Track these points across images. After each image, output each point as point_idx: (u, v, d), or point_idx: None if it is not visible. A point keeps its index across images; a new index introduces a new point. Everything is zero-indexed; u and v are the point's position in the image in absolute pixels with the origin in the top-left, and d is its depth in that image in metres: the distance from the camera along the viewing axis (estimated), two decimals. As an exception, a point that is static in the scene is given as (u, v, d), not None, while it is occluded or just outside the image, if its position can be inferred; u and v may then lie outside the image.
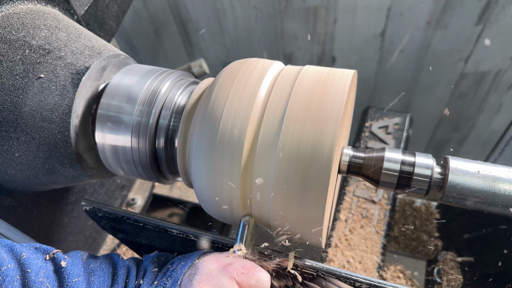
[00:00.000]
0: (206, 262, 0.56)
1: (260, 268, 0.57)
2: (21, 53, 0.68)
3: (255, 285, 0.54)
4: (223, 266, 0.55)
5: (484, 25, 1.56)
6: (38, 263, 0.54)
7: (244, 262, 0.57)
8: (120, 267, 0.60)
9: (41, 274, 0.53)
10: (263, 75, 0.64)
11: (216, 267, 0.55)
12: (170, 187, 1.50)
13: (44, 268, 0.54)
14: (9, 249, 0.54)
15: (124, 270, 0.59)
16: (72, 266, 0.56)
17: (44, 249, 0.57)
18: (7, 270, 0.51)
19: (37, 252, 0.56)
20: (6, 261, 0.52)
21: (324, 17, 1.71)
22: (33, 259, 0.54)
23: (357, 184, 1.29)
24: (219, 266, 0.55)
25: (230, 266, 0.55)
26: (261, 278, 0.55)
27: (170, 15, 1.92)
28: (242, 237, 0.61)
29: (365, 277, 0.63)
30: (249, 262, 0.57)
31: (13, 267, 0.51)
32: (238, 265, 0.55)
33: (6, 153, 0.70)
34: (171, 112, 0.73)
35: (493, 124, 1.93)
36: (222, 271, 0.54)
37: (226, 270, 0.54)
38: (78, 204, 1.08)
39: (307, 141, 0.56)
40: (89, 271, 0.57)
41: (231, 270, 0.54)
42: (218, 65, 2.09)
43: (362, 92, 1.97)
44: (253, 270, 0.55)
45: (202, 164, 0.63)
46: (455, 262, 1.18)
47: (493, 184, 0.57)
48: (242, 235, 0.61)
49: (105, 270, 0.58)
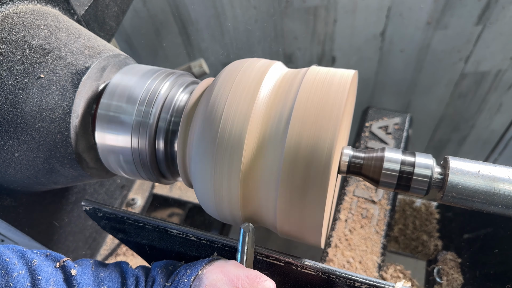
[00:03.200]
0: (210, 273, 0.56)
1: (265, 277, 0.56)
2: (21, 53, 0.68)
3: None
4: (227, 277, 0.55)
5: (484, 25, 1.56)
6: (49, 271, 0.54)
7: (248, 271, 0.56)
8: (129, 276, 0.59)
9: (51, 282, 0.52)
10: (263, 75, 0.64)
11: (221, 278, 0.55)
12: (170, 187, 1.50)
13: (54, 276, 0.54)
14: (20, 255, 0.54)
15: (133, 280, 0.59)
16: (82, 275, 0.56)
17: (54, 257, 0.57)
18: (18, 276, 0.50)
19: (48, 259, 0.56)
20: (18, 267, 0.51)
21: (324, 17, 1.71)
22: (44, 266, 0.54)
23: (357, 184, 1.29)
24: (224, 276, 0.55)
25: (235, 277, 0.54)
26: (266, 287, 0.55)
27: (170, 15, 1.92)
28: (243, 244, 0.61)
29: (365, 277, 0.63)
30: (253, 272, 0.57)
31: (24, 274, 0.51)
32: (242, 275, 0.55)
33: (6, 153, 0.70)
34: (171, 112, 0.73)
35: (493, 124, 1.93)
36: (227, 282, 0.54)
37: (231, 280, 0.54)
38: (78, 204, 1.08)
39: (307, 141, 0.56)
40: (99, 281, 0.57)
41: (235, 280, 0.54)
42: (218, 65, 2.09)
43: (362, 92, 1.97)
44: (257, 280, 0.55)
45: (202, 164, 0.63)
46: (455, 262, 1.18)
47: (493, 184, 0.57)
48: (244, 242, 0.61)
49: (114, 280, 0.58)
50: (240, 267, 0.58)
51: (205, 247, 0.70)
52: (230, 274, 0.55)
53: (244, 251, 0.61)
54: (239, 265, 0.59)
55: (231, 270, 0.56)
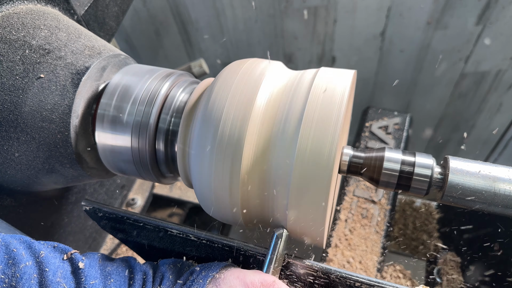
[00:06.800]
0: (227, 279, 0.56)
1: (280, 283, 0.56)
2: (21, 53, 0.68)
3: None
4: (243, 282, 0.55)
5: (484, 25, 1.56)
6: (56, 263, 0.53)
7: (264, 277, 0.56)
8: (137, 271, 0.59)
9: (58, 274, 0.52)
10: (263, 76, 0.64)
11: (237, 283, 0.55)
12: (170, 187, 1.50)
13: (61, 268, 0.53)
14: (27, 246, 0.53)
15: (141, 275, 0.59)
16: (90, 268, 0.55)
17: (62, 249, 0.57)
18: (25, 267, 0.50)
19: (55, 251, 0.56)
20: (25, 258, 0.51)
21: (324, 17, 1.71)
22: (51, 258, 0.53)
23: (357, 184, 1.29)
24: (240, 282, 0.55)
25: (250, 283, 0.55)
26: None
27: (170, 15, 1.92)
28: (274, 250, 0.60)
29: (365, 277, 0.62)
30: (269, 277, 0.57)
31: (31, 265, 0.51)
32: (257, 282, 0.55)
33: (6, 153, 0.70)
34: (171, 112, 0.73)
35: (493, 124, 1.93)
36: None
37: (247, 286, 0.54)
38: (78, 204, 1.08)
39: (313, 142, 0.56)
40: (106, 274, 0.57)
41: (250, 286, 0.54)
42: (218, 65, 2.09)
43: (362, 92, 1.97)
44: (272, 286, 0.55)
45: (202, 164, 0.63)
46: (455, 262, 1.18)
47: (493, 184, 0.57)
48: (274, 248, 0.61)
49: (121, 274, 0.58)
50: (257, 273, 0.58)
51: (205, 247, 0.70)
52: (246, 280, 0.55)
53: (273, 257, 0.60)
54: (257, 271, 0.59)
55: (248, 276, 0.56)
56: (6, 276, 0.48)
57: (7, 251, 0.51)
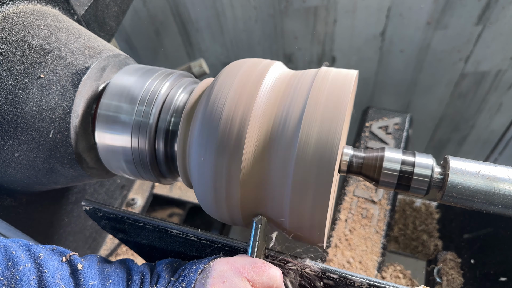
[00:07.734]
0: (217, 265, 0.57)
1: (270, 265, 0.58)
2: (21, 53, 0.68)
3: (267, 281, 0.56)
4: (234, 266, 0.56)
5: (484, 25, 1.56)
6: (55, 265, 0.54)
7: (254, 260, 0.58)
8: (135, 272, 0.60)
9: (57, 276, 0.53)
10: (263, 76, 0.64)
11: (227, 268, 0.56)
12: (170, 187, 1.50)
13: (60, 270, 0.54)
14: (26, 248, 0.54)
15: (139, 276, 0.59)
16: (88, 269, 0.56)
17: (60, 251, 0.57)
18: (24, 269, 0.50)
19: (54, 254, 0.56)
20: (24, 261, 0.51)
21: (324, 17, 1.71)
22: (50, 260, 0.54)
23: (357, 184, 1.29)
24: (230, 267, 0.56)
25: (240, 266, 0.56)
26: (272, 274, 0.56)
27: (170, 15, 1.92)
28: (255, 236, 0.61)
29: (365, 277, 0.63)
30: (259, 260, 0.58)
31: (30, 267, 0.51)
32: (248, 264, 0.56)
33: (6, 153, 0.70)
34: (171, 112, 0.73)
35: (493, 124, 1.93)
36: (233, 272, 0.55)
37: (237, 270, 0.55)
38: (78, 204, 1.08)
39: (314, 141, 0.56)
40: (104, 275, 0.57)
41: (241, 269, 0.55)
42: (218, 65, 2.09)
43: (362, 92, 1.97)
44: (263, 267, 0.56)
45: (202, 164, 0.63)
46: (455, 262, 1.18)
47: (493, 184, 0.57)
48: (255, 234, 0.62)
49: (120, 275, 0.59)
50: (245, 257, 0.59)
51: (205, 247, 0.70)
52: (237, 264, 0.57)
53: (255, 243, 0.61)
54: (244, 256, 0.60)
55: (237, 260, 0.58)
56: (6, 278, 0.49)
57: (6, 254, 0.51)
